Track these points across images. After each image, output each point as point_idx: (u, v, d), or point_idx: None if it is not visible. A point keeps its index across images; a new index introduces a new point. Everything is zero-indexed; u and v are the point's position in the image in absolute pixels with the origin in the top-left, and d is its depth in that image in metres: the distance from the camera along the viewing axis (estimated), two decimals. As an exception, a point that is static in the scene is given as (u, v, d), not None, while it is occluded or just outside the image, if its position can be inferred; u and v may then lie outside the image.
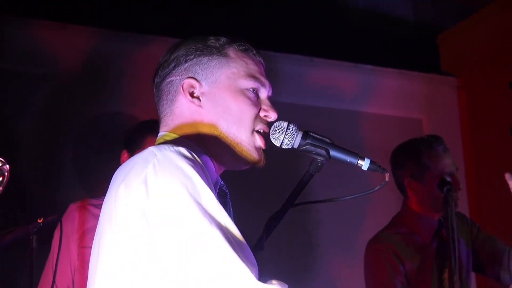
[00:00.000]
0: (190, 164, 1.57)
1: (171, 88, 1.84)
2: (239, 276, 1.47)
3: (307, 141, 1.83)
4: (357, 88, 4.94)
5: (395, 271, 3.22)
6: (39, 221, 2.74)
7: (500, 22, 4.96)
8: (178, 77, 1.83)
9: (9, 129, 3.91)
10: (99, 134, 4.03)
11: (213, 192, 1.57)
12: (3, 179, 2.54)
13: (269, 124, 1.86)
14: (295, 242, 4.41)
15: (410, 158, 3.35)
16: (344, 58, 4.90)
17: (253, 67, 1.86)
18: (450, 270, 3.03)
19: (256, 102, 1.84)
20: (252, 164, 1.84)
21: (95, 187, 3.39)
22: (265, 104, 1.86)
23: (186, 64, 1.83)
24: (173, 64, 1.85)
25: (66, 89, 4.08)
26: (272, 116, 1.85)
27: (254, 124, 1.82)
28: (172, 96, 1.84)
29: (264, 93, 1.87)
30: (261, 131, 1.84)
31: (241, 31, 4.38)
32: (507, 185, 3.26)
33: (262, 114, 1.84)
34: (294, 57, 4.73)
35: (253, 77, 1.84)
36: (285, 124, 1.83)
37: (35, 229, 2.74)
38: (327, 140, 1.84)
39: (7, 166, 2.49)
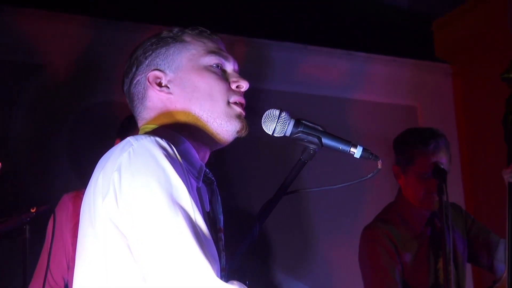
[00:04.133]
0: (165, 154, 1.57)
1: (139, 87, 1.86)
2: (199, 271, 1.46)
3: (299, 129, 1.82)
4: (351, 76, 4.93)
5: (391, 258, 3.22)
6: (32, 210, 2.74)
7: (495, 8, 4.95)
8: (143, 75, 1.85)
9: (1, 120, 3.90)
10: (93, 124, 4.02)
11: (186, 184, 1.56)
12: None
13: (242, 95, 1.86)
14: (287, 231, 4.41)
15: (400, 146, 3.37)
16: (337, 45, 4.88)
17: (211, 45, 1.87)
18: (444, 259, 3.04)
19: (223, 76, 1.85)
20: (235, 135, 1.84)
21: (89, 177, 3.38)
22: (233, 76, 1.87)
23: (147, 61, 1.85)
24: (134, 66, 1.87)
25: (58, 79, 4.06)
26: (244, 85, 1.86)
27: (226, 96, 1.82)
28: (142, 94, 1.85)
29: (229, 67, 1.88)
30: (237, 102, 1.84)
31: (236, 18, 4.39)
32: (501, 171, 3.27)
33: (233, 86, 1.85)
34: (287, 44, 4.71)
35: (213, 52, 1.85)
36: (277, 112, 1.82)
37: (28, 219, 2.74)
38: (320, 128, 1.83)
39: None
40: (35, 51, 4.05)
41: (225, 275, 1.57)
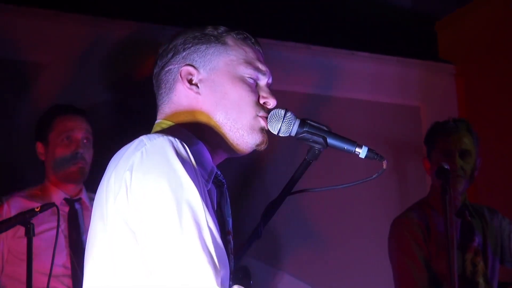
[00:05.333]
0: (177, 155, 1.56)
1: (169, 76, 1.84)
2: (200, 278, 1.46)
3: (304, 129, 1.81)
4: (354, 76, 4.93)
5: (420, 246, 3.29)
6: (36, 209, 2.74)
7: (499, 9, 4.94)
8: (176, 66, 1.83)
9: (4, 119, 3.91)
10: (94, 124, 4.02)
11: (197, 186, 1.55)
12: None
13: (269, 112, 1.84)
14: (290, 231, 4.41)
15: (425, 139, 3.50)
16: (341, 45, 4.88)
17: (252, 55, 1.85)
18: (449, 253, 3.02)
19: (255, 89, 1.83)
20: (255, 147, 1.82)
21: (95, 174, 3.38)
22: (264, 91, 1.85)
23: (184, 53, 1.83)
24: (171, 53, 1.84)
25: (60, 78, 4.06)
26: (272, 102, 1.84)
27: (255, 110, 1.81)
28: (171, 84, 1.83)
29: (263, 81, 1.86)
30: (262, 116, 1.83)
31: (238, 18, 4.39)
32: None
33: (261, 101, 1.83)
34: (291, 44, 4.71)
35: (252, 64, 1.83)
36: (283, 111, 1.81)
37: (33, 218, 2.74)
38: (325, 128, 1.83)
39: None
40: (36, 50, 4.06)
41: (232, 277, 1.57)
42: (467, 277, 3.22)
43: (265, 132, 1.82)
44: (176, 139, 1.60)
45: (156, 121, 1.85)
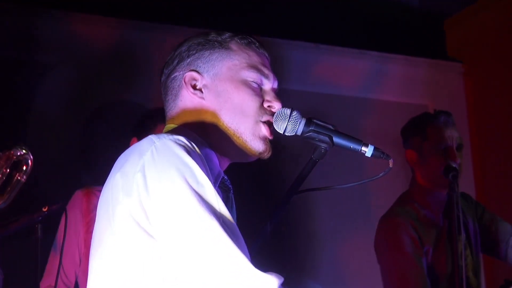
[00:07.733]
0: (188, 152, 1.57)
1: (174, 83, 1.86)
2: (238, 265, 1.47)
3: (310, 128, 1.82)
4: (363, 75, 4.92)
5: (417, 247, 3.17)
6: (44, 209, 2.74)
7: (507, 7, 4.93)
8: (181, 72, 1.85)
9: (17, 119, 3.92)
10: (106, 123, 4.04)
11: (211, 181, 1.56)
12: (26, 168, 2.57)
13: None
14: (297, 230, 4.41)
15: (412, 130, 3.37)
16: (349, 44, 4.87)
17: (256, 59, 1.86)
18: (456, 255, 3.00)
19: (259, 93, 1.84)
20: (258, 155, 1.83)
21: (102, 175, 3.39)
22: (269, 95, 1.85)
23: (189, 59, 1.85)
24: (176, 61, 1.87)
25: (73, 78, 4.08)
26: (276, 106, 1.84)
27: (258, 114, 1.81)
28: (176, 91, 1.86)
29: (268, 85, 1.87)
30: (266, 121, 1.83)
31: (246, 17, 4.40)
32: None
33: (266, 104, 1.84)
34: (299, 43, 4.71)
35: (255, 68, 1.84)
36: (288, 111, 1.82)
37: (40, 218, 2.75)
38: (331, 127, 1.83)
39: (31, 156, 2.52)
40: (50, 50, 4.07)
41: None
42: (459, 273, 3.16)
43: (268, 141, 1.83)
44: (185, 138, 1.61)
45: (166, 125, 1.87)
